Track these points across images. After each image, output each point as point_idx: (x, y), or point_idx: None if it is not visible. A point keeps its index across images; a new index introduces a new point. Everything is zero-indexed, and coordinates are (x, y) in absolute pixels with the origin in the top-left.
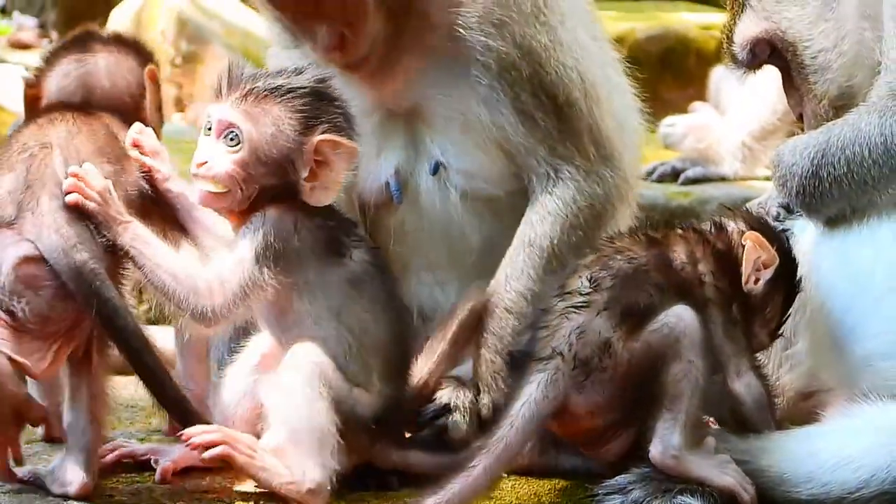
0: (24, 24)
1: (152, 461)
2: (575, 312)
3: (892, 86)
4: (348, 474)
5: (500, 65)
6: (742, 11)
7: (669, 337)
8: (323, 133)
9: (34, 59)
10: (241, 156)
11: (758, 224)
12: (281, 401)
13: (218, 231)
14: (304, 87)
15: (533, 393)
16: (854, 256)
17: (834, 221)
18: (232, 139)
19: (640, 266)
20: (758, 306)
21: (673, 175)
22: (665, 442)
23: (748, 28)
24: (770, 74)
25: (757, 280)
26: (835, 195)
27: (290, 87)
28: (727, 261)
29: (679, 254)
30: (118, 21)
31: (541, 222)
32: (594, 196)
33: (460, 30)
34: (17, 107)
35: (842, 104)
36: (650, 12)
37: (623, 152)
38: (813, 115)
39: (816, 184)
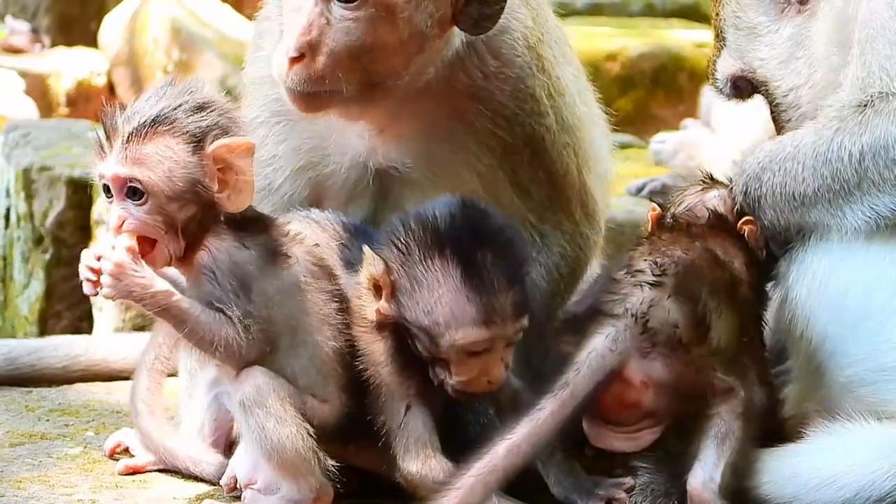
0: (16, 29)
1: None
2: (648, 286)
3: (835, 107)
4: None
5: (503, 149)
6: (721, 48)
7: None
8: (213, 141)
9: (27, 64)
10: (150, 204)
11: (736, 206)
12: (246, 435)
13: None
14: (178, 105)
15: (602, 343)
16: (828, 282)
17: (800, 242)
18: (134, 193)
19: (696, 260)
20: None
21: (662, 191)
22: (708, 473)
23: (726, 65)
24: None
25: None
26: (769, 202)
27: (163, 112)
28: (746, 252)
29: (719, 251)
30: (111, 28)
31: None
32: (576, 261)
33: (472, 115)
34: (10, 110)
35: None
36: (644, 29)
37: (602, 205)
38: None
39: (757, 187)
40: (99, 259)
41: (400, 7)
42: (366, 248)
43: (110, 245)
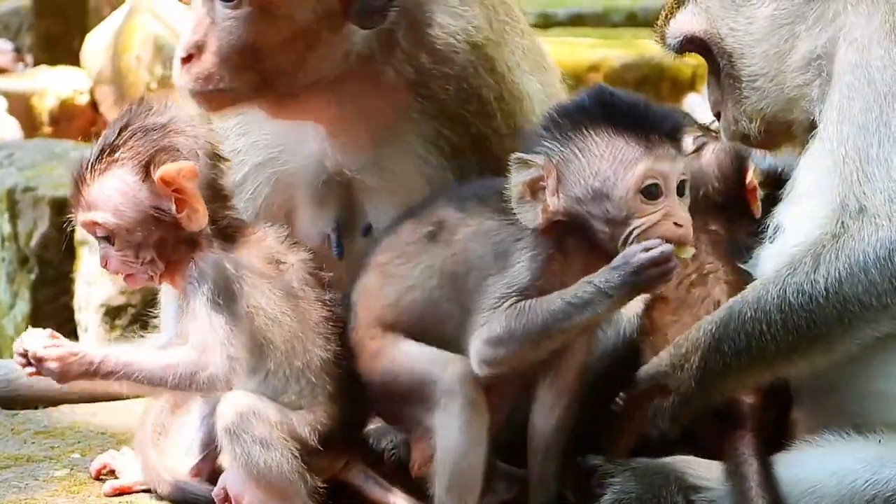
0: None
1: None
2: None
3: (792, 254)
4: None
5: (452, 152)
6: (685, 1)
7: None
8: (158, 166)
9: (10, 83)
10: (117, 241)
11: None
12: (232, 461)
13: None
14: (120, 134)
15: None
16: None
17: None
18: (102, 235)
19: None
20: None
21: None
22: None
23: (687, 21)
24: None
25: None
26: (734, 369)
27: (108, 143)
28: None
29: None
30: (93, 47)
31: None
32: None
33: (416, 114)
34: None
35: (772, 129)
36: (627, 39)
37: None
38: (734, 121)
39: (717, 358)
40: (25, 355)
41: (277, 4)
42: (513, 156)
43: (33, 341)
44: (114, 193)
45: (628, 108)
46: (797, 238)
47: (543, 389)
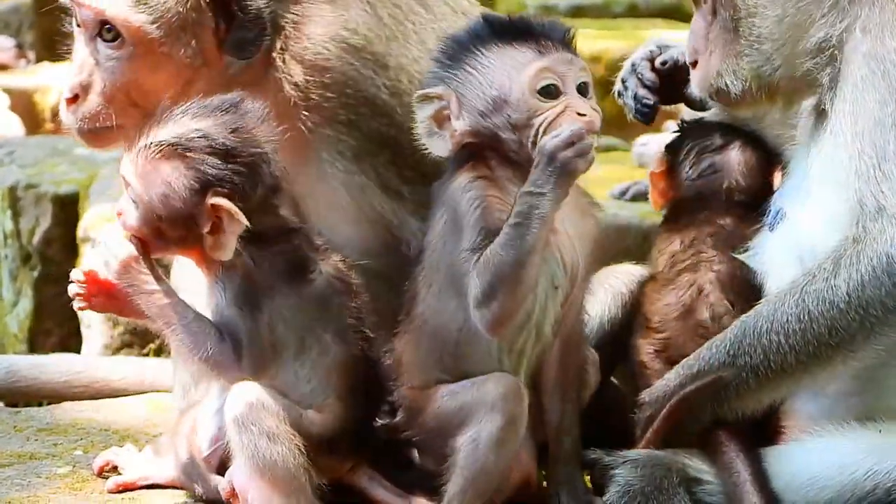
0: (1, 45)
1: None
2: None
3: (807, 265)
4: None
5: (354, 153)
6: None
7: None
8: (215, 196)
9: (12, 80)
10: (139, 213)
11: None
12: (238, 451)
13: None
14: (202, 143)
15: None
16: None
17: None
18: (132, 197)
19: None
20: None
21: (646, 195)
22: None
23: None
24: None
25: None
26: (752, 385)
27: (186, 141)
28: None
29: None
30: None
31: None
32: None
33: (309, 126)
34: None
35: (759, 94)
36: (628, 30)
37: None
38: (716, 75)
39: (734, 373)
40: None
41: (158, 42)
42: (415, 95)
43: (125, 237)
44: (163, 180)
45: (514, 22)
46: (811, 234)
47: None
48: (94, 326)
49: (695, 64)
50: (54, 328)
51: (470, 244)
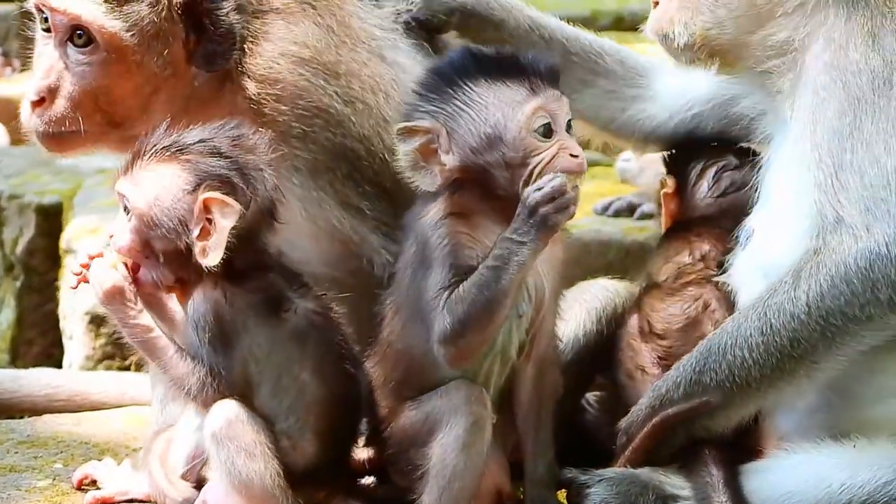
0: None
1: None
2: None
3: (770, 279)
4: None
5: (310, 169)
6: None
7: None
8: (208, 190)
9: None
10: (133, 223)
11: None
12: (216, 467)
13: None
14: (199, 141)
15: None
16: None
17: None
18: (125, 209)
19: None
20: None
21: (629, 210)
22: None
23: None
24: None
25: None
26: (718, 401)
27: (177, 143)
28: None
29: None
30: None
31: None
32: None
33: (267, 142)
34: None
35: (701, 54)
36: None
37: None
38: (669, 22)
39: (699, 392)
40: (87, 265)
41: (131, 50)
42: (397, 127)
43: (114, 263)
44: (159, 184)
45: (503, 57)
46: (773, 248)
47: (520, 365)
48: (76, 337)
49: (656, 4)
50: (37, 338)
51: (439, 281)
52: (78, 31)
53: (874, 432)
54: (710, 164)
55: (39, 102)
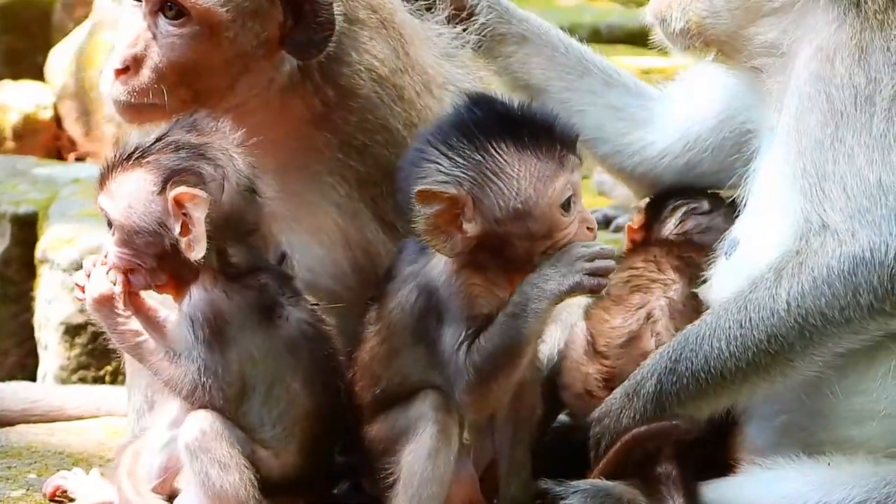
0: None
1: None
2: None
3: (752, 277)
4: None
5: (359, 181)
6: None
7: None
8: (175, 186)
9: None
10: (116, 237)
11: None
12: (190, 478)
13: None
14: (154, 143)
15: None
16: None
17: None
18: (109, 224)
19: None
20: None
21: (605, 223)
22: None
23: None
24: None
25: None
26: (692, 391)
27: (144, 146)
28: None
29: None
30: (57, 61)
31: None
32: None
33: (321, 145)
34: None
35: (694, 43)
36: None
37: None
38: (668, 6)
39: (673, 380)
40: (88, 276)
41: (224, 25)
42: (416, 189)
43: (102, 272)
44: (129, 193)
45: (526, 119)
46: (759, 255)
47: None
48: (51, 348)
49: None
50: (12, 349)
51: (457, 334)
52: (169, 3)
53: (850, 451)
54: (681, 204)
55: (124, 71)
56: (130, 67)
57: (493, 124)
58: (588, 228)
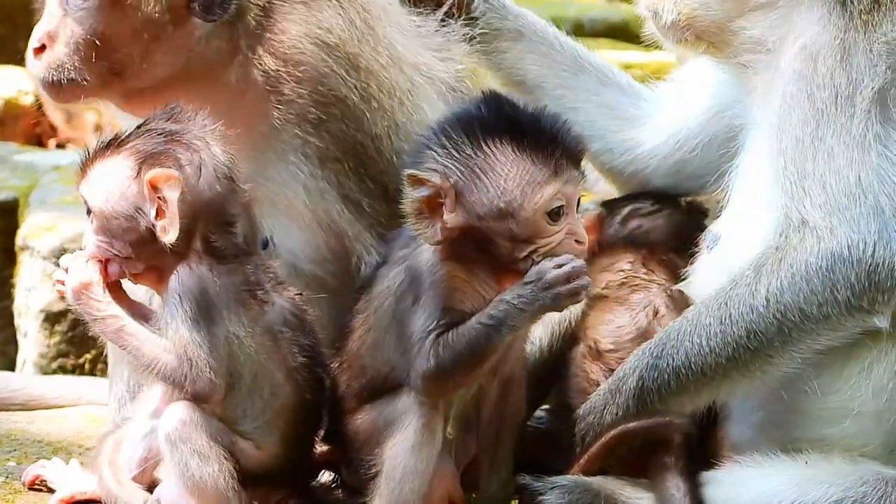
0: None
1: None
2: None
3: (733, 273)
4: None
5: (320, 158)
6: None
7: None
8: (149, 169)
9: None
10: (94, 224)
11: None
12: (170, 468)
13: None
14: (133, 131)
15: None
16: None
17: None
18: (88, 212)
19: None
20: None
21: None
22: None
23: None
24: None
25: None
26: (673, 387)
27: (120, 135)
28: None
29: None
30: None
31: None
32: None
33: (278, 122)
34: None
35: (686, 37)
36: None
37: None
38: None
39: (655, 376)
40: (67, 271)
41: None
42: (406, 172)
43: (82, 262)
44: (107, 179)
45: (532, 123)
46: (740, 251)
47: (486, 384)
48: (31, 335)
49: None
50: None
51: (427, 320)
52: None
53: (826, 450)
54: (625, 204)
55: (41, 49)
56: (46, 45)
57: (495, 123)
58: (577, 242)
